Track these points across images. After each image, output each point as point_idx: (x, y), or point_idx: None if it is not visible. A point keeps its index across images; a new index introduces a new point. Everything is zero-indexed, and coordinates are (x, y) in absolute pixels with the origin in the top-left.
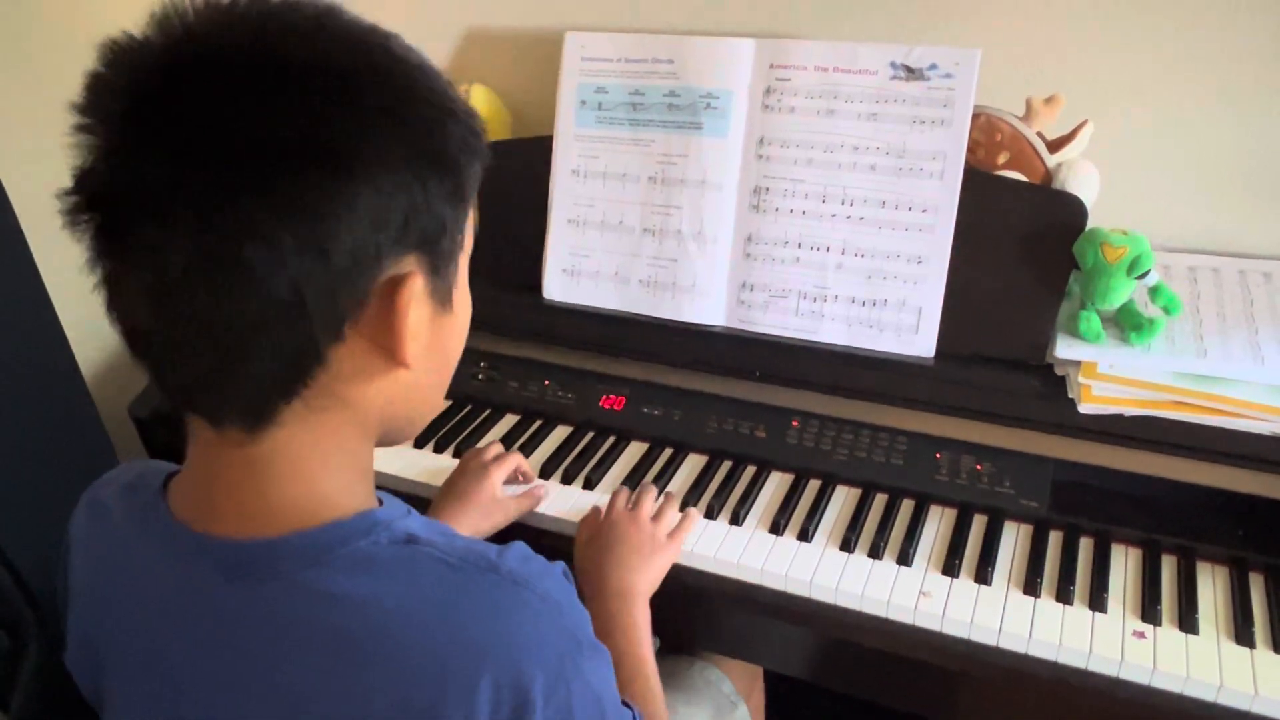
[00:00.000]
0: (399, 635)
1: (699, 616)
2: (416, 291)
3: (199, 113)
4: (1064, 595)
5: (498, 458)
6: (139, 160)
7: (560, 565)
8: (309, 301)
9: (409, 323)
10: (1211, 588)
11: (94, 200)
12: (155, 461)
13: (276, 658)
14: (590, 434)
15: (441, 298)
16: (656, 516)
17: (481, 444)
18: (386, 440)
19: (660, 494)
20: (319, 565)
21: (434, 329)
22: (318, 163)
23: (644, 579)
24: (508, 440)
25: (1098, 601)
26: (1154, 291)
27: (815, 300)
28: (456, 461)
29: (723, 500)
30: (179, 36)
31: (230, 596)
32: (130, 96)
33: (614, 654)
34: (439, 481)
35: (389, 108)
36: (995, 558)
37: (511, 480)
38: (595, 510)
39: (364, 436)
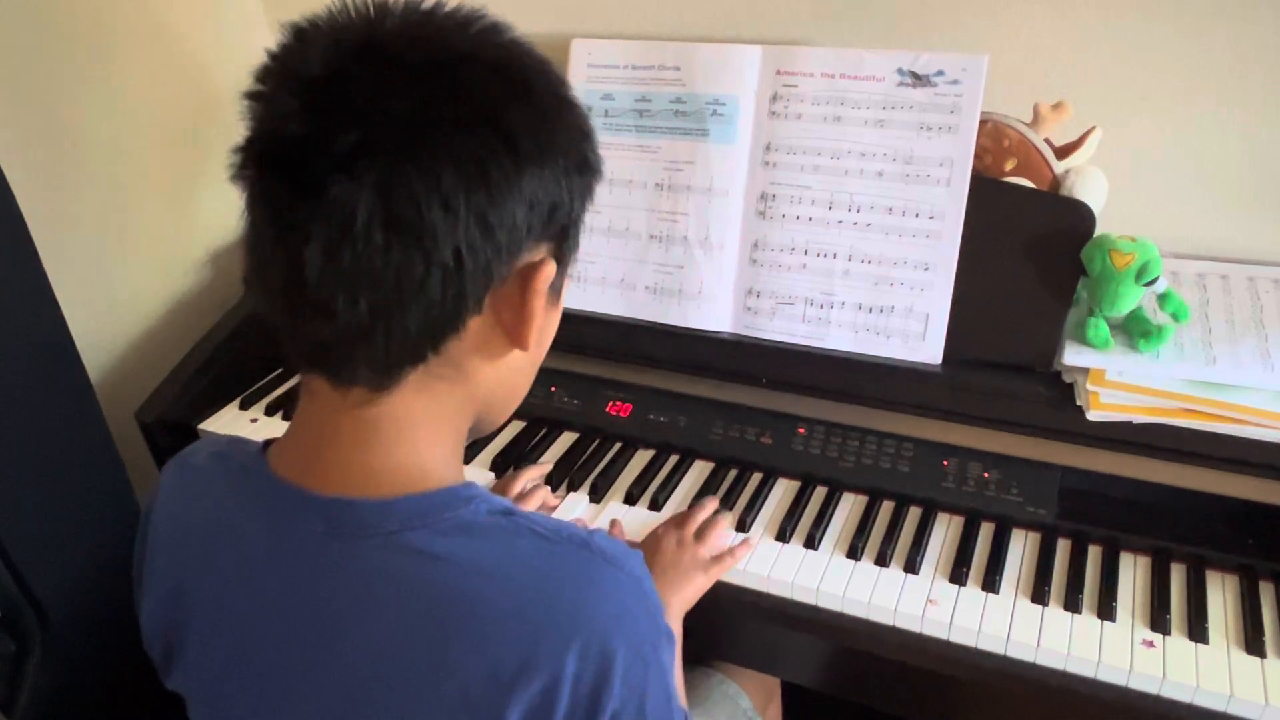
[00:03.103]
0: (494, 598)
1: (711, 625)
2: (550, 278)
3: (397, 86)
4: (1072, 604)
5: (523, 496)
6: (338, 123)
7: (639, 553)
8: (467, 269)
9: (534, 308)
10: (1221, 596)
11: (283, 157)
12: (239, 437)
13: (368, 613)
14: (597, 440)
15: (557, 291)
16: (701, 536)
17: (487, 451)
18: (477, 427)
19: (715, 511)
20: (422, 528)
21: (543, 320)
22: (499, 141)
23: (675, 597)
24: (514, 446)
25: (1106, 610)
26: (1162, 298)
27: (822, 307)
28: (463, 467)
29: (729, 507)
30: (383, 25)
31: (326, 550)
32: (334, 70)
33: None
34: None
35: (555, 106)
36: (1003, 566)
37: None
38: (618, 524)
39: (467, 413)
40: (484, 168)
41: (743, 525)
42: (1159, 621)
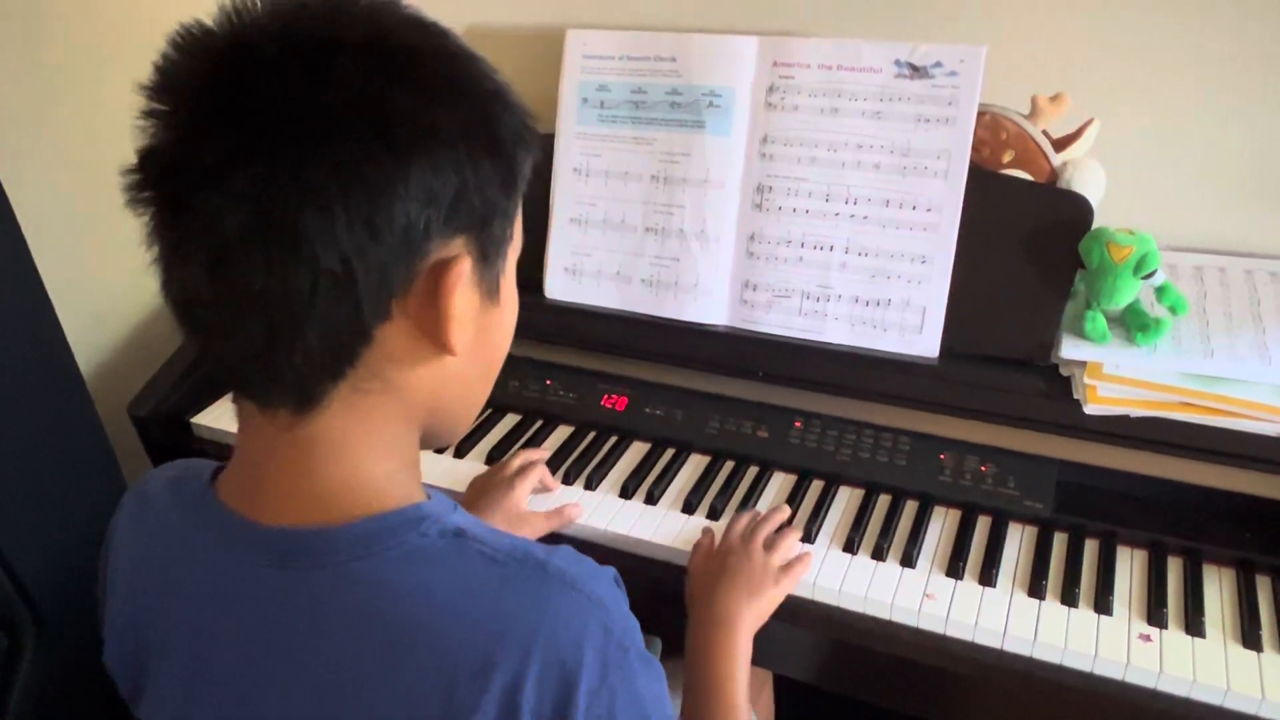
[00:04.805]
0: (445, 628)
1: None
2: (464, 275)
3: (261, 87)
4: (1069, 598)
5: (522, 470)
6: (204, 133)
7: (611, 570)
8: (358, 275)
9: (456, 307)
10: (1218, 590)
11: (158, 174)
12: (200, 460)
13: (320, 646)
14: (592, 434)
15: (489, 287)
16: (772, 547)
17: (483, 445)
18: (431, 437)
19: (786, 520)
20: (369, 556)
21: (481, 320)
22: (373, 135)
23: (749, 611)
24: (509, 440)
25: (1103, 604)
26: (1160, 291)
27: (818, 300)
28: (459, 462)
29: (725, 501)
30: (248, 22)
31: (276, 583)
32: (200, 76)
33: (699, 680)
34: (442, 483)
35: (443, 86)
36: (1000, 559)
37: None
38: (710, 535)
39: (409, 425)
40: (358, 165)
41: None
42: (1156, 615)
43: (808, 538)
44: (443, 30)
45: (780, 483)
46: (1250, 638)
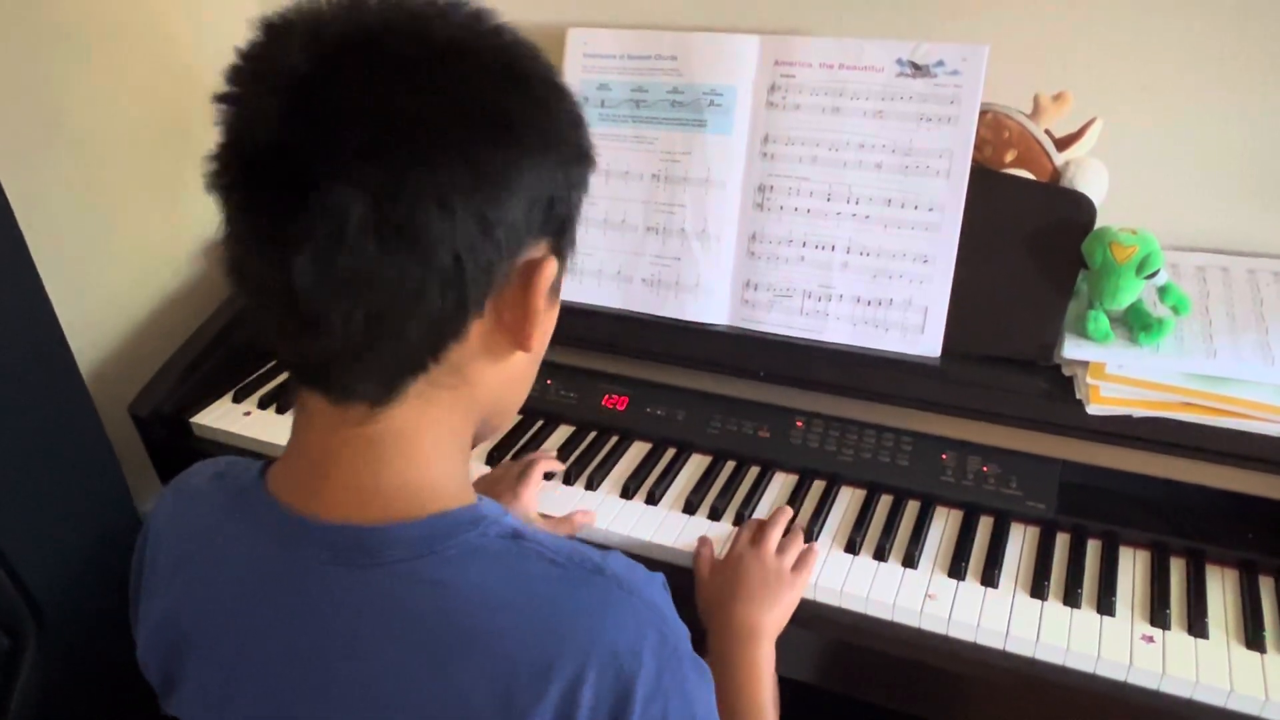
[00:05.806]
0: (504, 628)
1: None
2: (551, 275)
3: (393, 79)
4: (1071, 598)
5: (525, 475)
6: (331, 123)
7: (660, 576)
8: (468, 272)
9: (540, 306)
10: (1221, 591)
11: (270, 163)
12: (241, 457)
13: (374, 643)
14: (593, 434)
15: (556, 288)
16: (781, 550)
17: (482, 444)
18: (479, 433)
19: (790, 521)
20: (429, 555)
21: (544, 320)
22: (499, 136)
23: (770, 617)
24: (508, 439)
25: (1105, 605)
26: (1163, 291)
27: (820, 299)
28: None
29: (726, 501)
30: (363, 14)
31: (331, 579)
32: (311, 64)
33: (725, 695)
34: None
35: (550, 91)
36: (1002, 560)
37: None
38: (709, 545)
39: (469, 421)
40: (488, 164)
41: (740, 519)
42: (1158, 616)
43: (809, 538)
44: (531, 43)
45: (782, 483)
46: (1253, 639)
